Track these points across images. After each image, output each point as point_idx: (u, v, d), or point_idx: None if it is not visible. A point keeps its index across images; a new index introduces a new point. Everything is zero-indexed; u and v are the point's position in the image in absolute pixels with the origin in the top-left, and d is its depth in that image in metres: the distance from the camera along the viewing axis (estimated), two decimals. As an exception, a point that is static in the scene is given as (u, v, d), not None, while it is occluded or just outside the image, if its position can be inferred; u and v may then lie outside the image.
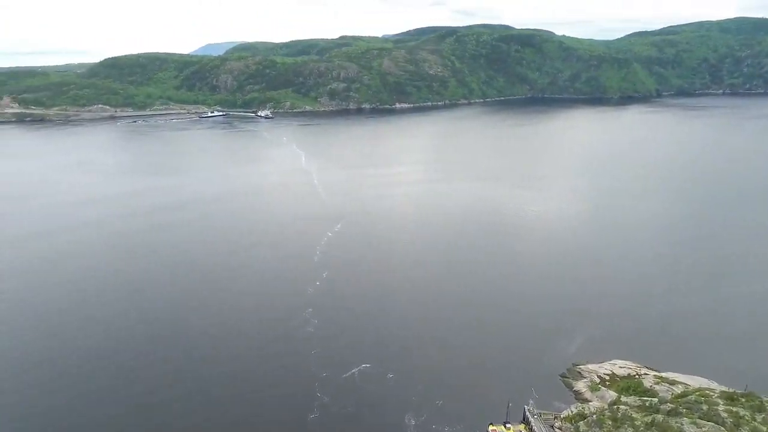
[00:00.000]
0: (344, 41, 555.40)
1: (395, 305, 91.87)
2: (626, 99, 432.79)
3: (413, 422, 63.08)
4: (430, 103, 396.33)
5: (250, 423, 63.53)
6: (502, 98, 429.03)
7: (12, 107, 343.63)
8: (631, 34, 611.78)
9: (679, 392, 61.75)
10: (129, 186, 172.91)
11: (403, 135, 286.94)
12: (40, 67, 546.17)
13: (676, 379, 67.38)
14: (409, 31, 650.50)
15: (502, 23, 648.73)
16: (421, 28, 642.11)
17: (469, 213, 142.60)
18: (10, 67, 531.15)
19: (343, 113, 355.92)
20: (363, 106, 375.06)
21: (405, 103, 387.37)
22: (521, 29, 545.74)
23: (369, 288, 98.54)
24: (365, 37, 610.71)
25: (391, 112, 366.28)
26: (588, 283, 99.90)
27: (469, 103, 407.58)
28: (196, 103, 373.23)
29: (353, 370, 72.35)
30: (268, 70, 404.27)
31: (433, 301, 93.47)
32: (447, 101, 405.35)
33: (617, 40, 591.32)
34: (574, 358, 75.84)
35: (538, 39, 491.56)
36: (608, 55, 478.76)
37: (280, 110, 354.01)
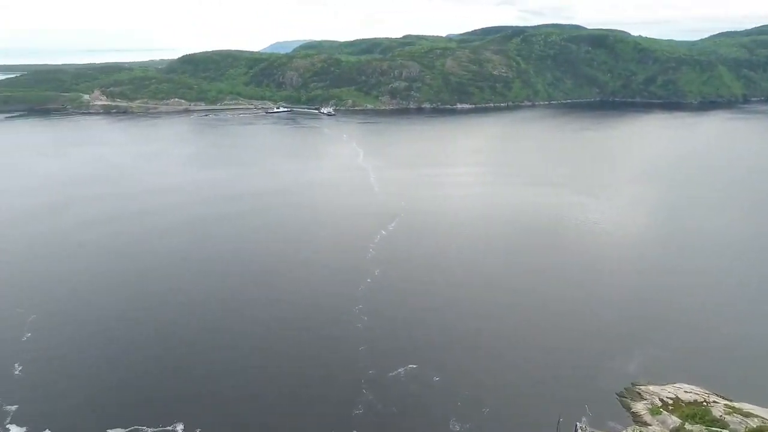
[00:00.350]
0: (408, 40, 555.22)
1: (446, 307, 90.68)
2: (707, 104, 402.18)
3: (458, 428, 61.98)
4: (492, 104, 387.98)
5: (295, 414, 64.97)
6: (569, 101, 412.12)
7: (101, 99, 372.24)
8: (717, 34, 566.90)
9: (755, 426, 56.46)
10: (198, 176, 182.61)
11: (462, 136, 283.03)
12: (126, 63, 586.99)
13: (752, 412, 61.63)
14: (474, 30, 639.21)
15: (574, 23, 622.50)
16: (487, 27, 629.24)
17: (527, 218, 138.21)
18: (101, 63, 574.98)
19: (404, 112, 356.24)
20: (423, 105, 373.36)
21: (466, 103, 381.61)
22: (593, 29, 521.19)
23: (420, 288, 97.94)
24: (429, 36, 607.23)
25: (452, 112, 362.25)
26: (654, 298, 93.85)
27: (533, 105, 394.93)
28: (263, 98, 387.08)
29: (399, 370, 72.17)
30: (332, 68, 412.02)
31: (485, 306, 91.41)
32: (510, 103, 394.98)
33: (701, 40, 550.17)
34: (634, 377, 71.49)
35: (611, 39, 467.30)
36: (689, 57, 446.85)
37: (341, 108, 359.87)
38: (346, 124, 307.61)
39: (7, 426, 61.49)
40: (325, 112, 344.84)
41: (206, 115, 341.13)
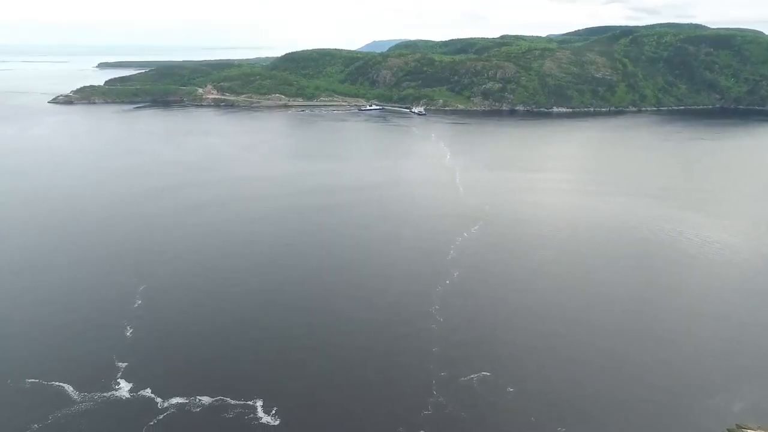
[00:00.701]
0: (505, 41, 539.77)
1: (526, 317, 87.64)
2: None
3: (529, 443, 59.83)
4: (592, 109, 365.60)
5: (365, 407, 66.62)
6: (682, 107, 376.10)
7: (212, 93, 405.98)
8: None
9: None
10: (293, 167, 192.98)
11: (557, 140, 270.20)
12: (236, 60, 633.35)
13: None
14: (578, 31, 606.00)
15: (694, 22, 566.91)
16: (592, 27, 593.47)
17: (624, 231, 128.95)
18: (214, 60, 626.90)
19: (495, 114, 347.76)
20: (517, 107, 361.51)
21: (563, 107, 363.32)
22: (717, 29, 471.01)
23: (500, 294, 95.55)
24: (527, 36, 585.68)
25: (547, 115, 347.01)
26: (765, 330, 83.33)
27: (639, 111, 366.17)
28: (356, 96, 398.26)
29: (472, 376, 71.07)
30: (425, 68, 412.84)
31: (569, 322, 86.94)
32: (612, 108, 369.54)
33: None
34: (739, 417, 64.08)
35: (738, 39, 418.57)
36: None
37: (432, 107, 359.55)
38: (435, 123, 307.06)
39: (118, 379, 69.73)
40: (416, 111, 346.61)
41: (303, 111, 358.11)
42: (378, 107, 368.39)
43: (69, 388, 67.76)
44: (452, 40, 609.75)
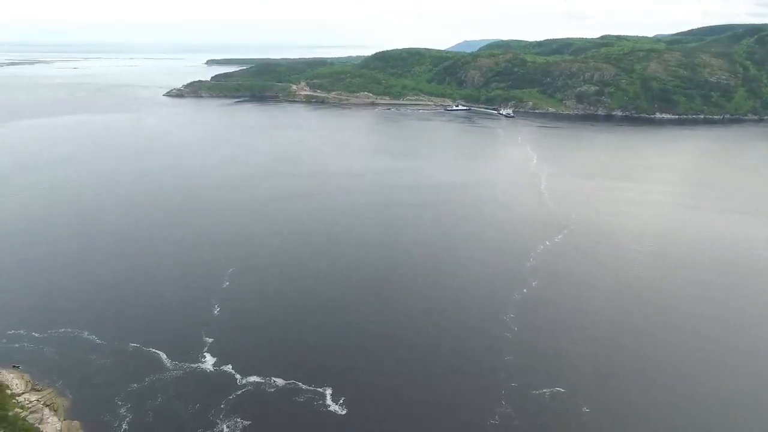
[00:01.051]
0: (605, 41, 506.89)
1: (608, 334, 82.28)
2: None
3: (603, 470, 56.21)
4: (702, 116, 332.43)
5: (432, 409, 66.37)
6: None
7: (305, 90, 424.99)
8: None
9: None
10: (376, 164, 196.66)
11: (659, 149, 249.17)
12: (329, 58, 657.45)
13: None
14: (691, 30, 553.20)
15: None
16: (708, 26, 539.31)
17: (731, 254, 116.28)
18: (309, 58, 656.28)
19: (589, 118, 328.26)
20: (614, 112, 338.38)
21: (668, 113, 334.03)
22: None
23: (581, 308, 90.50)
24: (631, 36, 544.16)
25: (649, 122, 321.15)
26: None
27: (760, 120, 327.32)
28: (443, 96, 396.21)
29: (545, 390, 68.16)
30: (516, 69, 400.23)
31: (657, 344, 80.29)
32: (727, 115, 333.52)
33: None
34: None
35: None
36: None
37: (521, 109, 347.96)
38: (523, 126, 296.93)
39: (204, 353, 75.69)
40: (503, 113, 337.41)
41: (389, 109, 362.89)
42: (464, 108, 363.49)
43: (163, 356, 74.75)
44: (547, 40, 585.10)
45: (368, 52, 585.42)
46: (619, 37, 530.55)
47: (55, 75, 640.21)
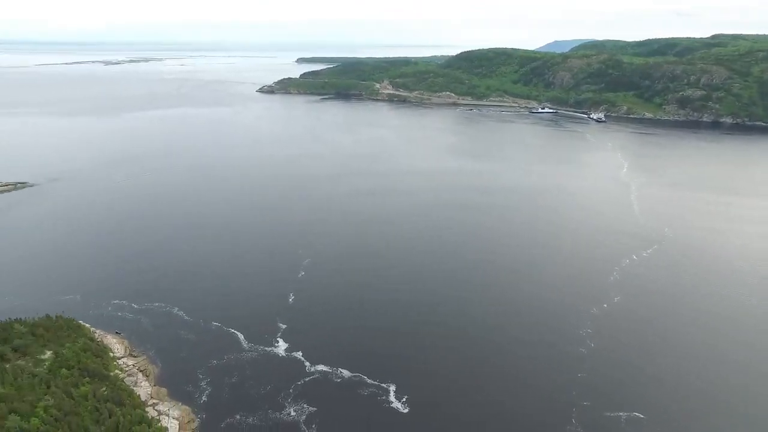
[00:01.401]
0: (717, 40, 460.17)
1: (696, 361, 75.33)
2: None
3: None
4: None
5: (494, 420, 64.76)
6: None
7: (387, 89, 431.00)
8: None
9: None
10: (453, 164, 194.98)
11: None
12: (413, 57, 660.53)
13: None
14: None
15: None
16: None
17: None
18: (393, 57, 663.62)
19: (692, 125, 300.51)
20: (722, 119, 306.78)
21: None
22: None
23: (668, 331, 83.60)
24: (749, 35, 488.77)
25: (764, 130, 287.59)
26: None
27: None
28: (528, 98, 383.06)
29: (620, 414, 63.98)
30: (610, 70, 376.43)
31: (757, 381, 72.15)
32: None
33: None
34: None
35: None
36: None
37: (613, 114, 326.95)
38: (614, 132, 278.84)
39: (277, 338, 79.73)
40: (594, 117, 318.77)
41: (470, 110, 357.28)
42: (551, 110, 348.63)
43: (241, 337, 79.78)
44: (648, 40, 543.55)
45: (454, 52, 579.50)
46: (734, 36, 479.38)
47: (165, 71, 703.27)
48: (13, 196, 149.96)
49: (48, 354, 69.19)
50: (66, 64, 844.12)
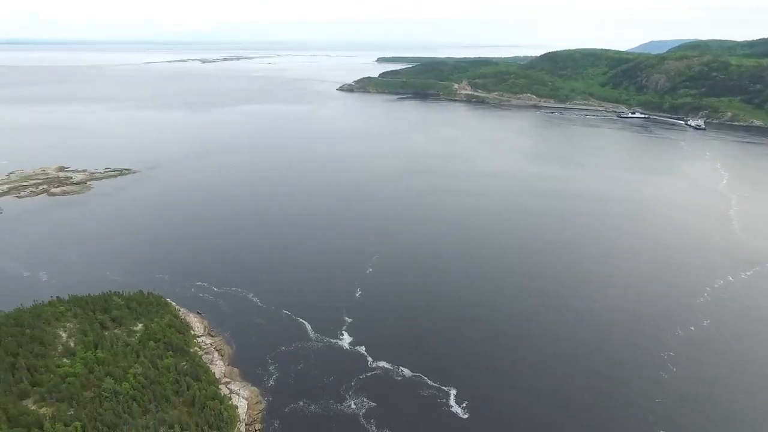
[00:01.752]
0: None
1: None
2: None
3: None
4: None
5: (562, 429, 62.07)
6: None
7: (466, 89, 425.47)
8: None
9: None
10: (528, 169, 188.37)
11: None
12: (494, 58, 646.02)
13: None
14: None
15: None
16: None
17: None
18: (473, 57, 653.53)
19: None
20: None
21: None
22: None
23: (763, 362, 75.30)
24: None
25: None
26: None
27: None
28: (616, 101, 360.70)
29: (702, 448, 58.70)
30: (714, 73, 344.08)
31: None
32: None
33: None
34: None
35: None
36: None
37: (714, 121, 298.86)
38: (714, 140, 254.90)
39: (342, 331, 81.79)
40: (692, 124, 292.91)
41: (552, 113, 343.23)
42: (641, 115, 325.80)
43: (308, 326, 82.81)
44: (762, 39, 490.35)
45: (537, 52, 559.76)
46: None
47: (253, 69, 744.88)
48: (118, 181, 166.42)
49: (139, 326, 76.12)
50: (168, 62, 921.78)
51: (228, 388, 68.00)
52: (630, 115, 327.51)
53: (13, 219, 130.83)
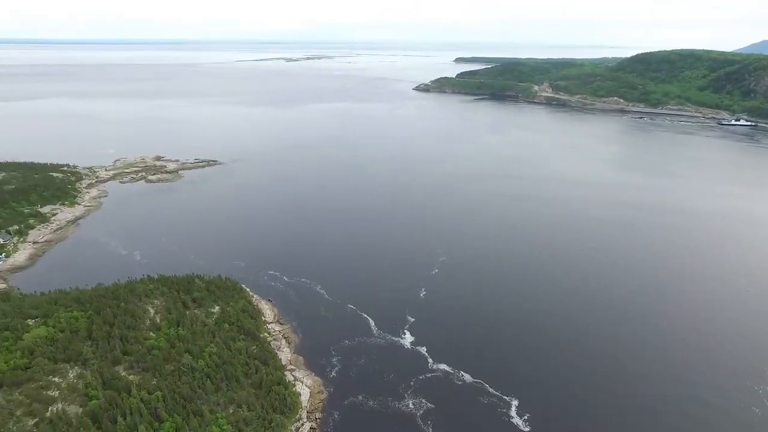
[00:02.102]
0: None
1: None
2: None
3: None
4: None
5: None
6: None
7: (546, 91, 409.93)
8: None
9: None
10: (612, 177, 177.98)
11: None
12: (578, 59, 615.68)
13: None
14: None
15: None
16: None
17: None
18: (557, 58, 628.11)
19: None
20: None
21: None
22: None
23: None
24: None
25: None
26: None
27: None
28: (717, 107, 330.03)
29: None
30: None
31: None
32: None
33: None
34: None
35: None
36: None
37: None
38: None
39: (405, 329, 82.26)
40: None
41: (641, 118, 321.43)
42: (747, 123, 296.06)
43: (372, 323, 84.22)
44: None
45: (626, 53, 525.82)
46: None
47: (334, 68, 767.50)
48: (206, 171, 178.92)
49: (216, 309, 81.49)
50: (255, 60, 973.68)
51: (293, 375, 70.98)
52: (733, 122, 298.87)
53: (116, 202, 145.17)
